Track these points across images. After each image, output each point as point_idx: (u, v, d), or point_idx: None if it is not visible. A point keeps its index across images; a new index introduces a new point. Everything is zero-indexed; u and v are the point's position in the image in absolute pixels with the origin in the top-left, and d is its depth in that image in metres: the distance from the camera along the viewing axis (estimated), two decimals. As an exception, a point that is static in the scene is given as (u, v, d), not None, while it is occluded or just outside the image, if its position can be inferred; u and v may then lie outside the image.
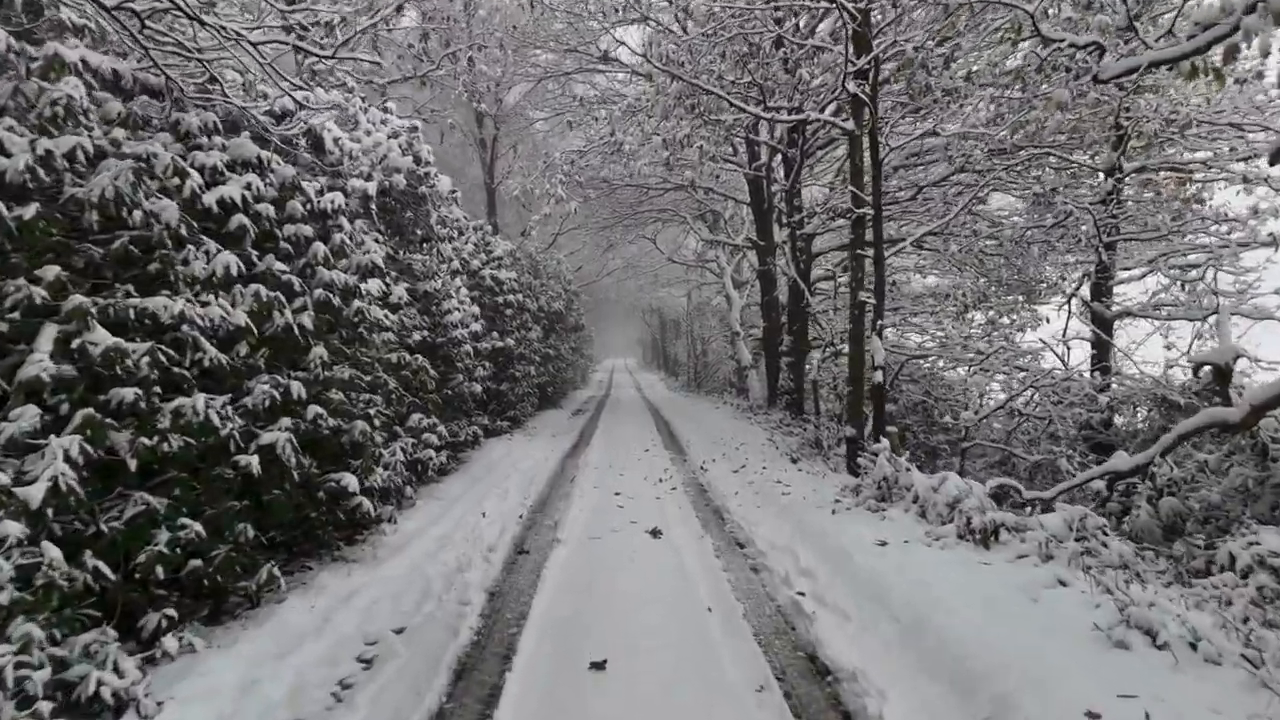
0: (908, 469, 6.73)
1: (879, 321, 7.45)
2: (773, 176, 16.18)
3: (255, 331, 4.55)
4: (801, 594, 4.86)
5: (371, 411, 6.43)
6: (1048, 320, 10.93)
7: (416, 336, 8.47)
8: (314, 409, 5.17)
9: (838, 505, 7.10)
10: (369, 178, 7.77)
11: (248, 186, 5.09)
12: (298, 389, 4.97)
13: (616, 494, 8.06)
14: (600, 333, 56.92)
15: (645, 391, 32.31)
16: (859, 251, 8.09)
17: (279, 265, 5.11)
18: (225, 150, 5.26)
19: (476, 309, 12.14)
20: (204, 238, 4.63)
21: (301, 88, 6.31)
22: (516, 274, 17.03)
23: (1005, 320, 10.75)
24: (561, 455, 11.33)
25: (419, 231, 9.33)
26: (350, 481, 5.35)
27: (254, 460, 4.23)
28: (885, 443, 6.90)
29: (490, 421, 12.84)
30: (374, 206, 7.52)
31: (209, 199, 4.82)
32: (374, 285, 6.66)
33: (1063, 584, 4.61)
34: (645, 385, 38.05)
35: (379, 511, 6.43)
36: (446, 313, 9.77)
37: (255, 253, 5.11)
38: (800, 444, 11.84)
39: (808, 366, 13.12)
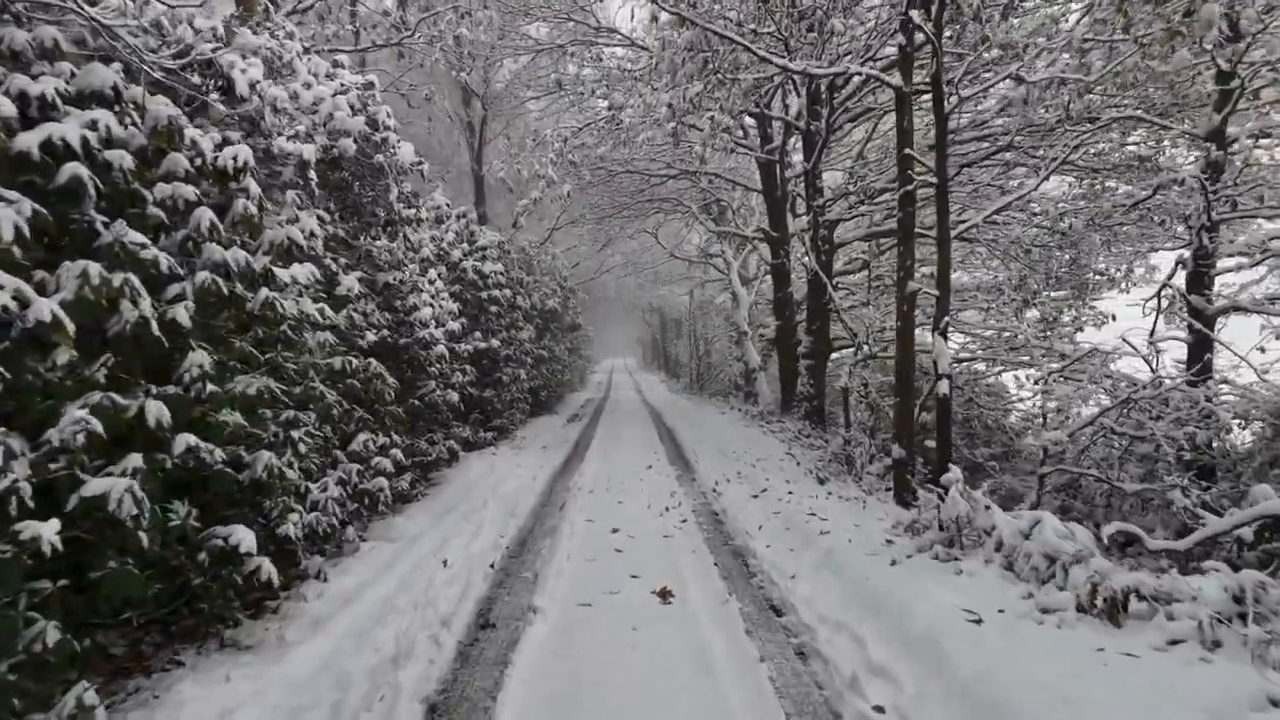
0: (987, 507, 5.25)
1: (944, 318, 5.96)
2: (787, 160, 14.69)
3: (71, 331, 3.04)
4: (880, 709, 3.37)
5: (296, 435, 4.95)
6: (1113, 318, 9.45)
7: (371, 337, 6.97)
8: (185, 439, 3.68)
9: (893, 549, 5.61)
10: (309, 139, 6.28)
11: (91, 125, 3.60)
12: (156, 412, 3.48)
13: (614, 530, 6.56)
14: (599, 332, 55.43)
15: (646, 394, 30.84)
16: (916, 233, 6.59)
17: (134, 237, 3.62)
18: (72, 80, 3.79)
19: (455, 305, 10.66)
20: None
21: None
22: (505, 268, 15.55)
23: (1068, 317, 9.28)
24: (551, 473, 9.84)
25: (380, 213, 7.83)
26: (243, 538, 3.86)
27: (45, 532, 2.72)
28: (956, 472, 5.41)
29: (472, 433, 11.35)
30: (313, 175, 6.03)
31: (26, 141, 3.34)
32: (303, 272, 5.17)
33: (1274, 704, 3.13)
34: (645, 387, 36.57)
35: (304, 565, 4.95)
36: (413, 309, 8.28)
37: (101, 218, 3.62)
38: (825, 460, 10.36)
39: (839, 371, 11.63)
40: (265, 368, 5.05)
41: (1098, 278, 10.11)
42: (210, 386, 3.93)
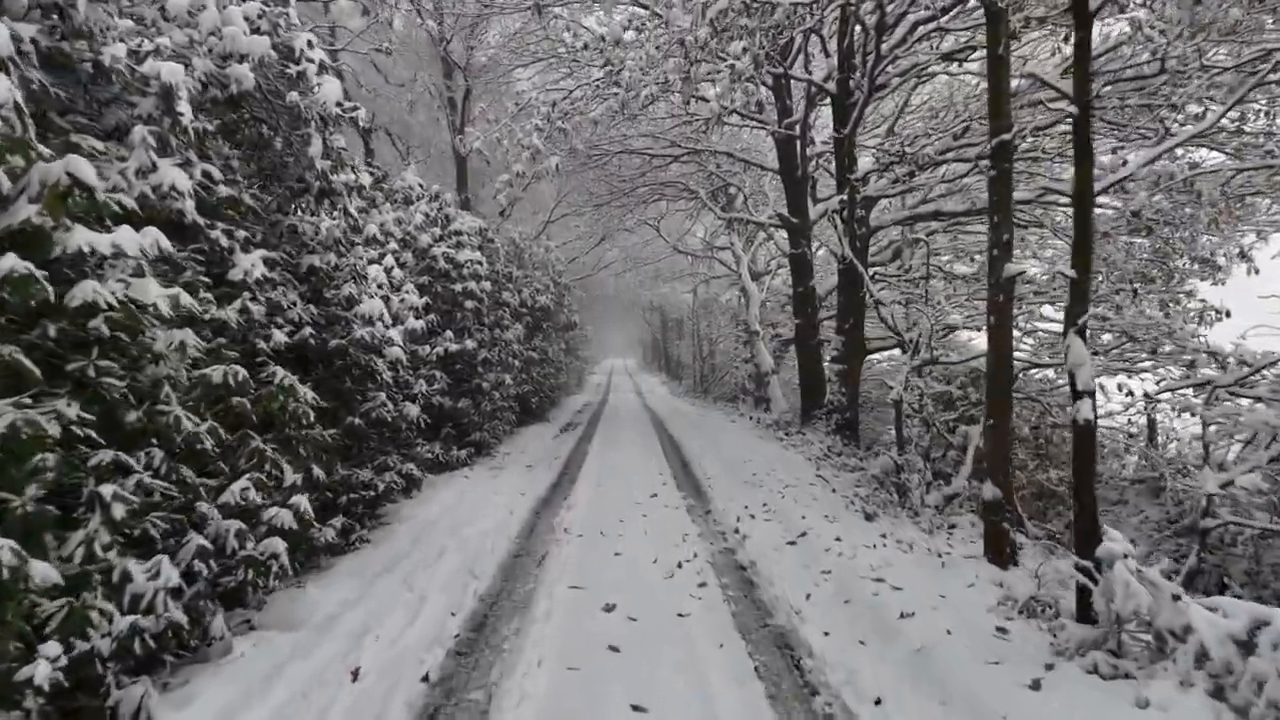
0: (1176, 597, 3.45)
1: (1083, 312, 4.11)
2: (809, 135, 12.89)
3: None
4: None
5: (109, 491, 3.16)
6: (1227, 314, 7.68)
7: (280, 337, 5.17)
8: None
9: (1021, 650, 3.82)
10: (182, 59, 4.48)
11: None
12: None
13: (608, 608, 4.75)
14: (598, 332, 53.65)
15: (647, 397, 29.05)
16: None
17: None
18: None
19: (421, 300, 8.89)
20: None
21: None
22: (488, 258, 13.75)
23: (1191, 307, 7.49)
24: (534, 505, 8.03)
25: (311, 179, 6.03)
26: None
27: None
28: (1120, 540, 3.60)
29: (442, 451, 9.55)
30: (184, 111, 4.22)
31: None
32: (130, 241, 3.37)
33: None
34: (646, 389, 34.77)
35: (115, 699, 3.14)
36: (352, 301, 6.48)
37: None
38: (866, 485, 8.57)
39: (871, 376, 9.83)
40: (72, 387, 3.28)
41: (1193, 264, 8.33)
42: None
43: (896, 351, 11.08)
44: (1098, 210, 7.63)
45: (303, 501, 4.59)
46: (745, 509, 7.61)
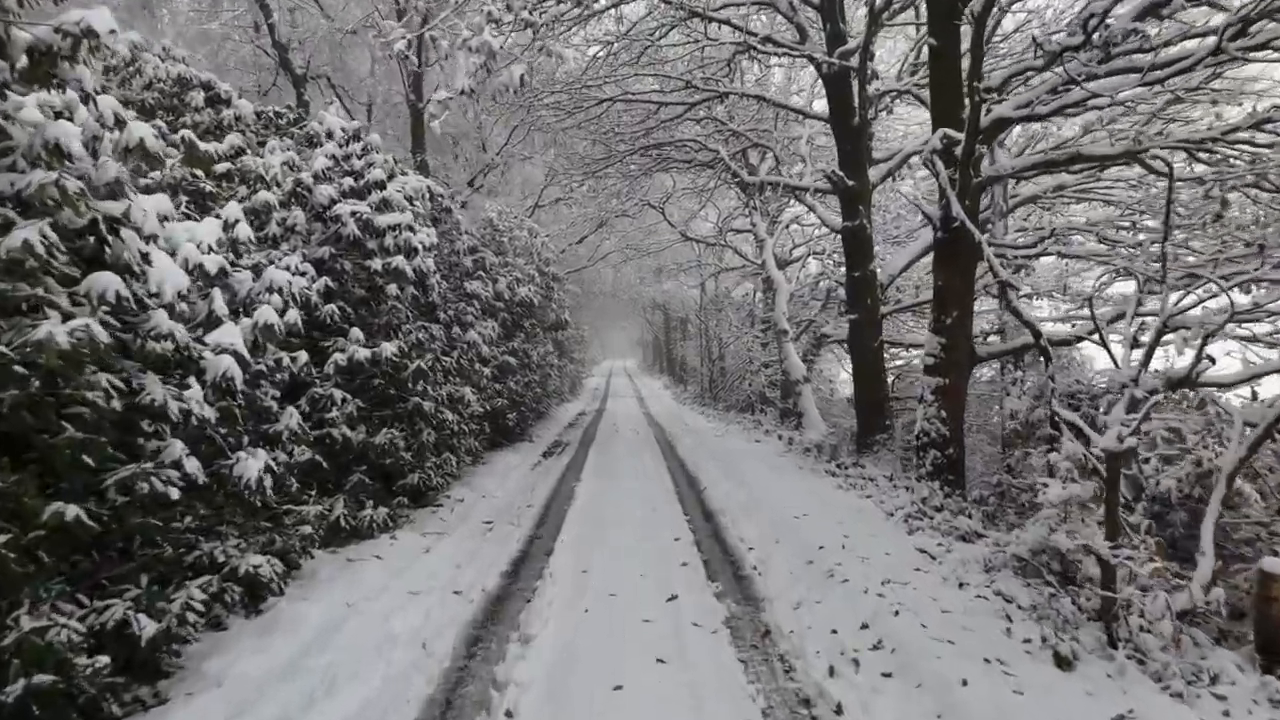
0: None
1: None
2: (870, 68, 9.62)
3: None
4: None
5: None
6: None
7: None
8: None
9: None
10: None
11: None
12: None
13: None
14: (595, 331, 50.43)
15: (649, 404, 25.77)
16: None
17: None
18: None
19: (314, 283, 5.69)
20: None
21: None
22: (443, 234, 10.52)
23: None
24: (467, 629, 4.72)
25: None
26: None
27: None
28: None
29: (348, 513, 6.25)
30: None
31: None
32: None
33: None
34: (649, 395, 31.49)
35: None
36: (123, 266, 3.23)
37: None
38: (1011, 576, 5.31)
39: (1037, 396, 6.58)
40: None
41: None
42: None
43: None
44: None
45: None
46: (833, 635, 4.36)
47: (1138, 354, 4.64)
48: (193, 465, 3.82)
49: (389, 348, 6.42)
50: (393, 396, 7.26)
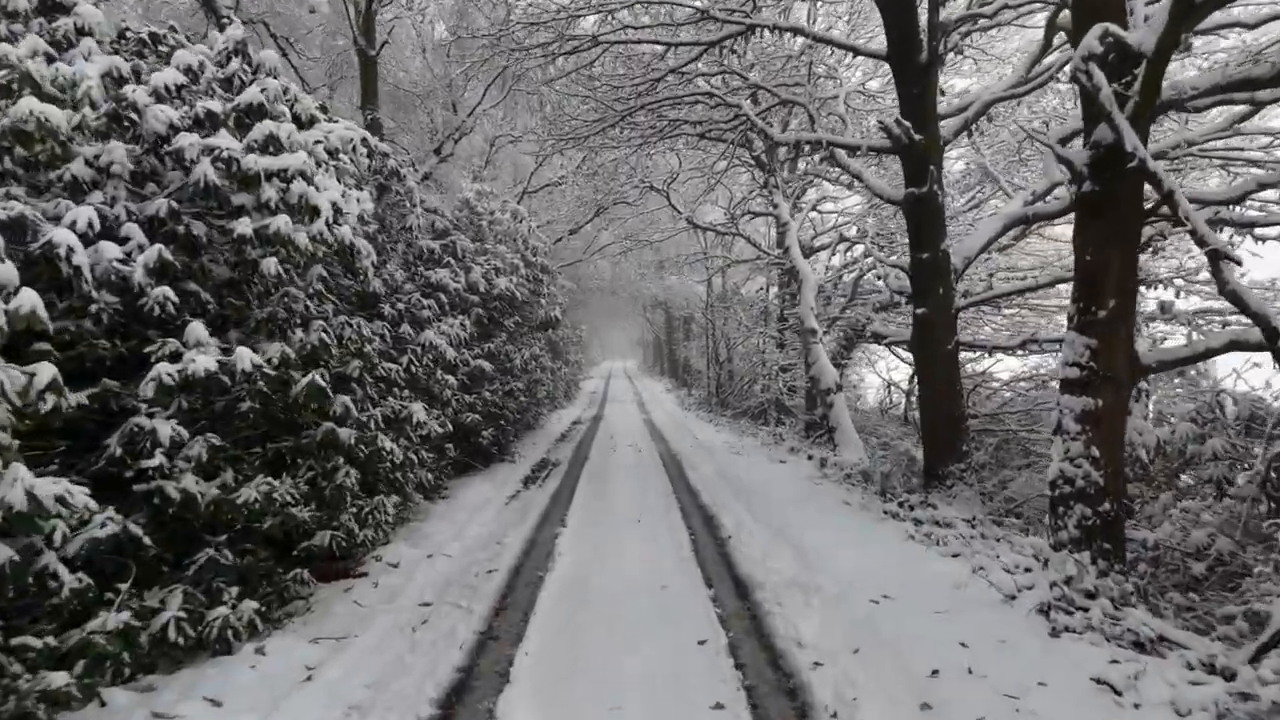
0: None
1: None
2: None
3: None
4: None
5: None
6: None
7: None
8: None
9: None
10: None
11: None
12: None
13: None
14: (593, 331, 48.13)
15: (652, 410, 23.45)
16: None
17: None
18: None
19: (109, 250, 3.42)
20: None
21: None
22: (390, 208, 8.27)
23: None
24: None
25: None
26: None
27: None
28: None
29: (188, 614, 3.95)
30: None
31: None
32: None
33: None
34: (650, 398, 29.18)
35: None
36: None
37: None
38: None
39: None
40: None
41: None
42: None
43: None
44: None
45: None
46: None
47: None
48: None
49: (247, 354, 4.09)
50: (283, 424, 4.96)
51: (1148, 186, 4.60)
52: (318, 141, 5.51)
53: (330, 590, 5.26)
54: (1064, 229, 14.67)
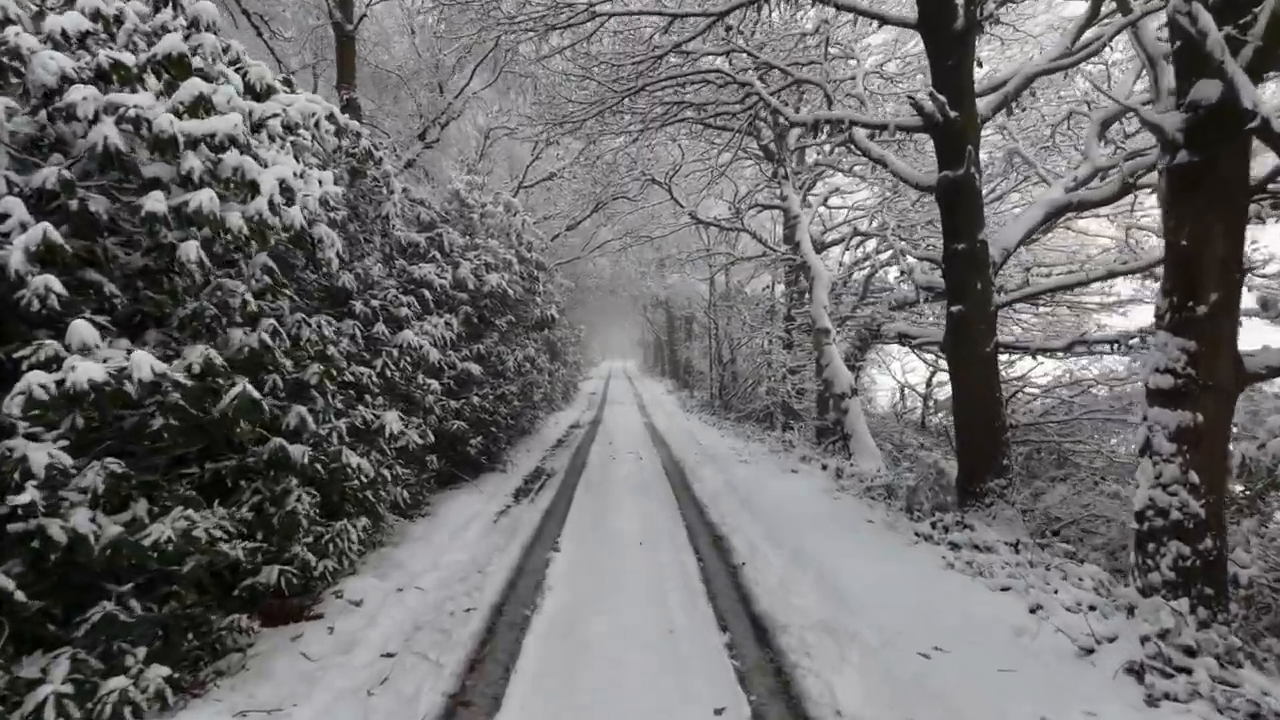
0: None
1: None
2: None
3: None
4: None
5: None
6: None
7: None
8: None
9: None
10: None
11: None
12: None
13: None
14: (592, 330, 47.26)
15: (653, 413, 22.61)
16: None
17: None
18: None
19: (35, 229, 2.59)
20: None
21: None
22: (365, 194, 7.50)
23: None
24: None
25: None
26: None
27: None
28: None
29: (75, 689, 3.13)
30: None
31: None
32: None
33: None
34: (651, 400, 28.35)
35: None
36: None
37: None
38: None
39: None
40: None
41: None
42: None
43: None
44: None
45: None
46: None
47: None
48: None
49: (146, 360, 3.25)
50: (225, 441, 4.14)
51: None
52: (274, 115, 4.72)
53: (277, 637, 4.44)
54: (1089, 222, 13.83)
